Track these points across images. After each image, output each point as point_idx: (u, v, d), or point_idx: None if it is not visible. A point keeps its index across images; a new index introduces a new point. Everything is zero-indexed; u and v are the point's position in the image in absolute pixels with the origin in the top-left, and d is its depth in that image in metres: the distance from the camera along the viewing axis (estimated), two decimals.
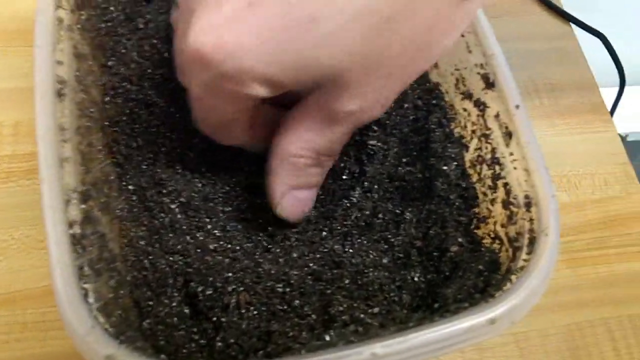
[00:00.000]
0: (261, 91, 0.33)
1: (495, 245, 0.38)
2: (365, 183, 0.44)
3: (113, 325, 0.31)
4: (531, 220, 0.35)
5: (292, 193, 0.40)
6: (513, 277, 0.33)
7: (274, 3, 0.31)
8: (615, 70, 0.67)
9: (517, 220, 0.36)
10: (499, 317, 0.31)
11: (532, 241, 0.34)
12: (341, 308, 0.37)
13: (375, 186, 0.44)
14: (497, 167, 0.39)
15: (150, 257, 0.40)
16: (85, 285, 0.32)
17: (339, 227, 0.43)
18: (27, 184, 0.50)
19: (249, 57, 0.31)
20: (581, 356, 0.47)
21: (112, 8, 0.47)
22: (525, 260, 0.34)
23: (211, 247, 0.41)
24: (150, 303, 0.38)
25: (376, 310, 0.38)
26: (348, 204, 0.43)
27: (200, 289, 0.38)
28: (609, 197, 0.55)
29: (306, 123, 0.36)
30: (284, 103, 0.39)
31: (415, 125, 0.45)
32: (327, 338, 0.33)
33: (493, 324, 0.31)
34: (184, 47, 0.32)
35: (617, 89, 0.70)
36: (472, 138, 0.42)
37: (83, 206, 0.35)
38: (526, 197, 0.36)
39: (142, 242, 0.40)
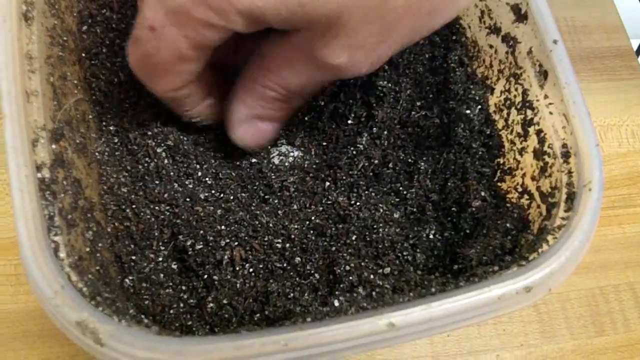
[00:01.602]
0: (240, 25, 0.29)
1: (524, 201, 0.34)
2: (374, 129, 0.39)
3: (88, 284, 0.27)
4: (569, 172, 0.31)
5: (254, 122, 0.36)
6: (549, 238, 0.29)
7: None
8: None
9: (552, 173, 0.32)
10: (536, 284, 0.27)
11: (571, 197, 0.30)
12: (348, 267, 0.33)
13: (385, 132, 0.39)
14: (528, 112, 0.34)
15: (134, 206, 0.35)
16: (56, 238, 0.27)
17: (344, 177, 0.38)
18: None
19: None
20: (604, 323, 0.43)
21: None
22: (563, 218, 0.30)
23: (202, 196, 0.37)
24: (134, 258, 0.34)
25: (387, 270, 0.34)
26: (354, 152, 0.39)
27: (189, 242, 0.34)
28: (636, 151, 0.51)
29: (286, 60, 0.33)
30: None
31: (432, 65, 0.40)
32: (336, 303, 0.28)
33: (529, 292, 0.27)
34: None
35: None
36: (498, 79, 0.37)
37: (54, 146, 0.30)
38: (564, 146, 0.32)
39: (125, 190, 0.36)
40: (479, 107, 0.37)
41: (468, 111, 0.37)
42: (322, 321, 0.26)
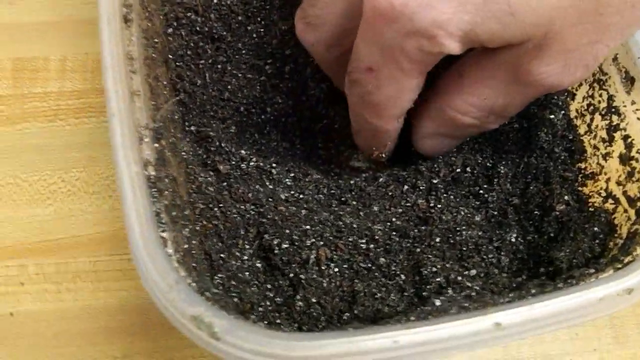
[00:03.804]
0: (454, 48, 0.28)
1: (608, 205, 0.34)
2: None
3: (196, 280, 0.27)
4: None
5: (438, 137, 0.37)
6: None
7: None
8: None
9: None
10: (637, 286, 0.27)
11: None
12: (434, 269, 0.34)
13: None
14: (614, 118, 0.35)
15: (221, 205, 0.36)
16: (163, 234, 0.28)
17: (421, 180, 0.38)
18: (76, 122, 0.46)
19: (447, 9, 0.27)
20: None
21: None
22: None
23: (282, 196, 0.38)
24: (222, 256, 0.35)
25: (473, 272, 0.34)
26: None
27: (275, 242, 0.35)
28: None
29: (486, 79, 0.32)
30: None
31: None
32: (437, 303, 0.29)
33: (629, 294, 0.27)
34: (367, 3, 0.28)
35: None
36: (580, 84, 0.37)
37: (156, 145, 0.31)
38: None
39: (211, 189, 0.37)
40: (563, 112, 0.37)
41: (552, 116, 0.37)
42: (428, 320, 0.27)
